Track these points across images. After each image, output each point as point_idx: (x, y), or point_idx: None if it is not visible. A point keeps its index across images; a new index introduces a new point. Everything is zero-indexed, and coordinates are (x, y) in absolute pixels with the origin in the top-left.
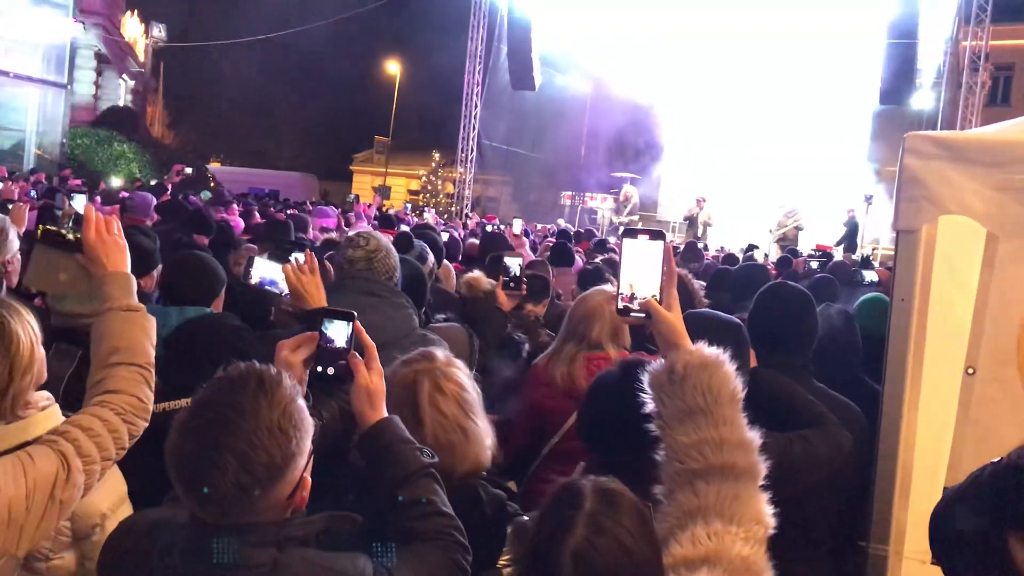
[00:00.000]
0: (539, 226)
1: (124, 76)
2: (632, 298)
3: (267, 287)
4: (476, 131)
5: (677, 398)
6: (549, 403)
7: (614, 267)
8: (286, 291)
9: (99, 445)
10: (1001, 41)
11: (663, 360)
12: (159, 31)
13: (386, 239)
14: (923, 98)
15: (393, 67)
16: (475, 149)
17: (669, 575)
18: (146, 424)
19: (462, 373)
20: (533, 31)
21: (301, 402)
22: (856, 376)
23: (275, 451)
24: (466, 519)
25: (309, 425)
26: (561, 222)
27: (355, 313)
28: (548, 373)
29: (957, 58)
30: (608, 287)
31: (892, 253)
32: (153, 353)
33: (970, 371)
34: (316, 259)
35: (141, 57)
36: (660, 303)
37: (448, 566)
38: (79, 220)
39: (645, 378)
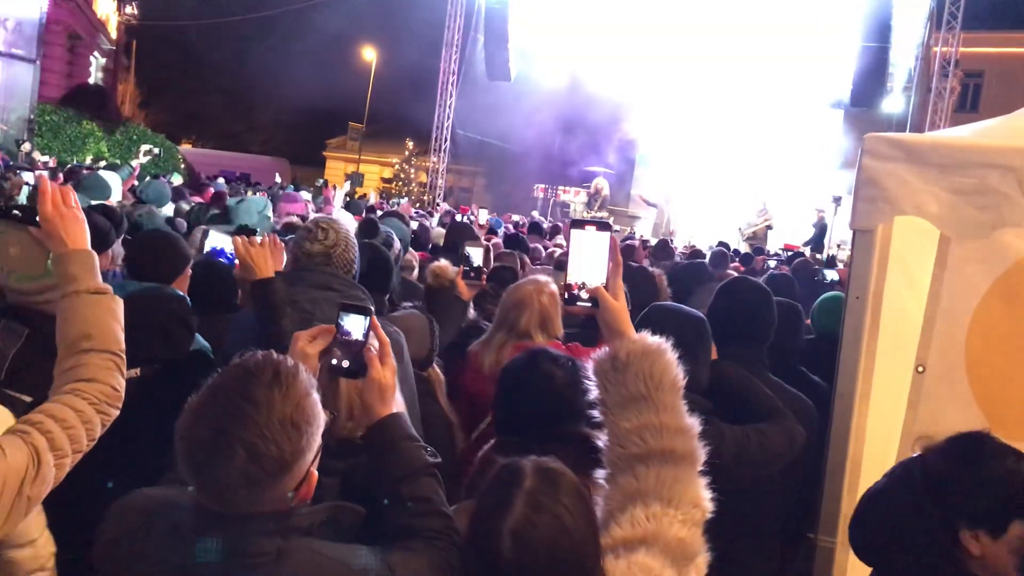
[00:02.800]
0: (514, 217)
1: (95, 54)
2: (580, 287)
3: (219, 257)
4: (451, 120)
5: (620, 385)
6: (478, 388)
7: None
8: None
9: (72, 437)
10: (972, 48)
11: (607, 348)
12: (132, 8)
13: (346, 229)
14: (894, 101)
15: (369, 53)
16: (449, 139)
17: (608, 555)
18: (118, 412)
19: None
20: (510, 22)
21: (315, 396)
22: (797, 370)
23: (285, 445)
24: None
25: (321, 420)
26: (535, 214)
27: (372, 307)
28: (479, 359)
29: (928, 63)
30: (540, 277)
31: None
32: (123, 337)
33: (920, 369)
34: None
35: (113, 35)
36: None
37: (443, 566)
38: (33, 195)
39: (590, 365)
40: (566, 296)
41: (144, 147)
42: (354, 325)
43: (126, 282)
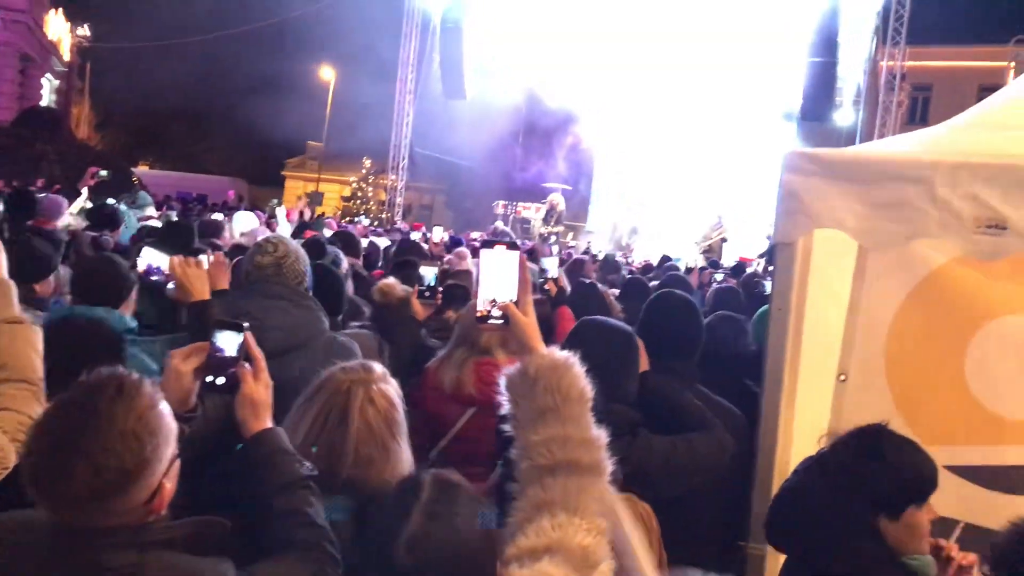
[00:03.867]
0: (474, 235)
1: (48, 75)
2: (491, 305)
3: (153, 275)
4: (408, 139)
5: (529, 399)
6: (438, 406)
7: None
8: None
9: None
10: (920, 62)
11: (518, 364)
12: (84, 30)
13: (296, 244)
14: (844, 115)
15: (327, 73)
16: (407, 157)
17: (513, 565)
18: None
19: (395, 392)
20: (465, 41)
21: (162, 409)
22: (739, 381)
23: (127, 457)
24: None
25: (169, 432)
26: (500, 224)
27: (246, 324)
28: (438, 377)
29: (875, 77)
30: None
31: None
32: (41, 367)
33: (842, 378)
34: (226, 260)
35: (66, 56)
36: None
37: None
38: None
39: (502, 381)
40: (479, 314)
41: (91, 170)
42: (228, 342)
43: (74, 307)
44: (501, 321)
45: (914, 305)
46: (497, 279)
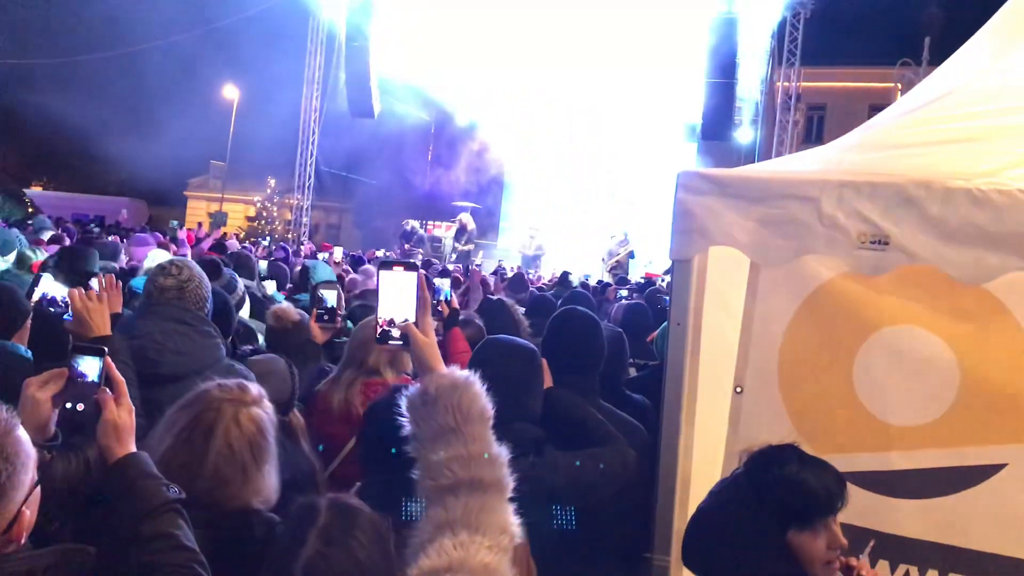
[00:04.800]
0: (378, 253)
1: None
2: (390, 325)
3: (50, 307)
4: (314, 157)
5: (430, 419)
6: (327, 428)
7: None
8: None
9: None
10: (814, 83)
11: (418, 384)
12: None
13: (199, 269)
14: (743, 134)
15: (231, 91)
16: (313, 176)
17: None
18: None
19: (267, 417)
20: (371, 58)
21: (19, 435)
22: (621, 393)
23: None
24: (235, 543)
25: (27, 458)
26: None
27: (106, 348)
28: (327, 399)
29: (772, 97)
30: None
31: None
32: None
33: (738, 389)
34: (119, 287)
35: None
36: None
37: None
38: None
39: (402, 402)
40: (378, 335)
41: None
42: (88, 368)
43: None
44: (400, 342)
45: (804, 318)
46: (396, 299)
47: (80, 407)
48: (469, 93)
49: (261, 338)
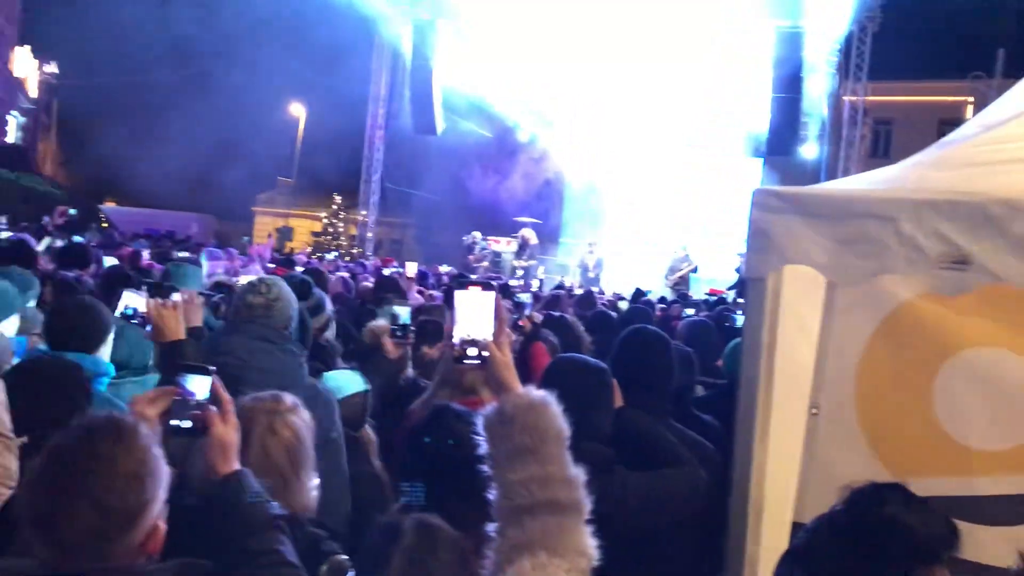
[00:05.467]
0: (442, 268)
1: (14, 112)
2: (467, 346)
3: (133, 319)
4: (379, 174)
5: (506, 438)
6: None
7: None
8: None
9: None
10: (880, 97)
11: (495, 403)
12: (51, 67)
13: (288, 288)
14: (809, 149)
15: (297, 109)
16: (377, 192)
17: None
18: (11, 492)
19: (304, 424)
20: (435, 76)
21: (157, 450)
22: (691, 413)
23: (131, 498)
24: None
25: (164, 473)
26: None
27: (214, 368)
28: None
29: (839, 112)
30: None
31: None
32: (8, 420)
33: (814, 411)
34: (200, 300)
35: (33, 93)
36: None
37: None
38: None
39: (479, 421)
40: (454, 355)
41: (59, 208)
42: (195, 386)
43: (48, 352)
44: (478, 361)
45: (882, 339)
46: (472, 319)
47: (186, 424)
48: (531, 109)
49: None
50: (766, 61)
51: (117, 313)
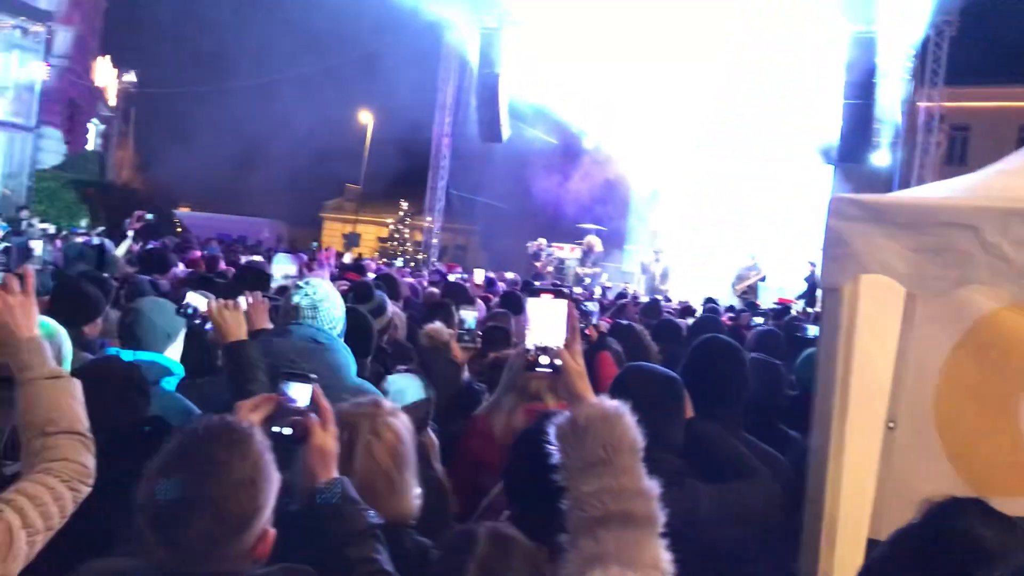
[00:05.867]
0: (508, 275)
1: (94, 120)
2: (539, 354)
3: (194, 319)
4: (444, 181)
5: (579, 449)
6: (486, 454)
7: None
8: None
9: (44, 514)
10: (957, 103)
11: (567, 413)
12: (130, 76)
13: (334, 290)
14: (881, 156)
15: (365, 116)
16: (443, 199)
17: None
18: (89, 490)
19: (403, 426)
20: (501, 84)
21: (269, 456)
22: (776, 427)
23: (246, 502)
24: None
25: (276, 479)
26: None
27: (316, 376)
28: (487, 424)
29: (912, 118)
30: None
31: None
32: (85, 416)
33: (891, 425)
34: (266, 303)
35: (112, 102)
36: None
37: None
38: None
39: (551, 430)
40: (526, 363)
41: (136, 213)
42: (297, 393)
43: (121, 351)
44: (550, 369)
45: (965, 352)
46: (545, 326)
47: (287, 431)
48: (596, 115)
49: None
50: (838, 66)
51: (178, 312)
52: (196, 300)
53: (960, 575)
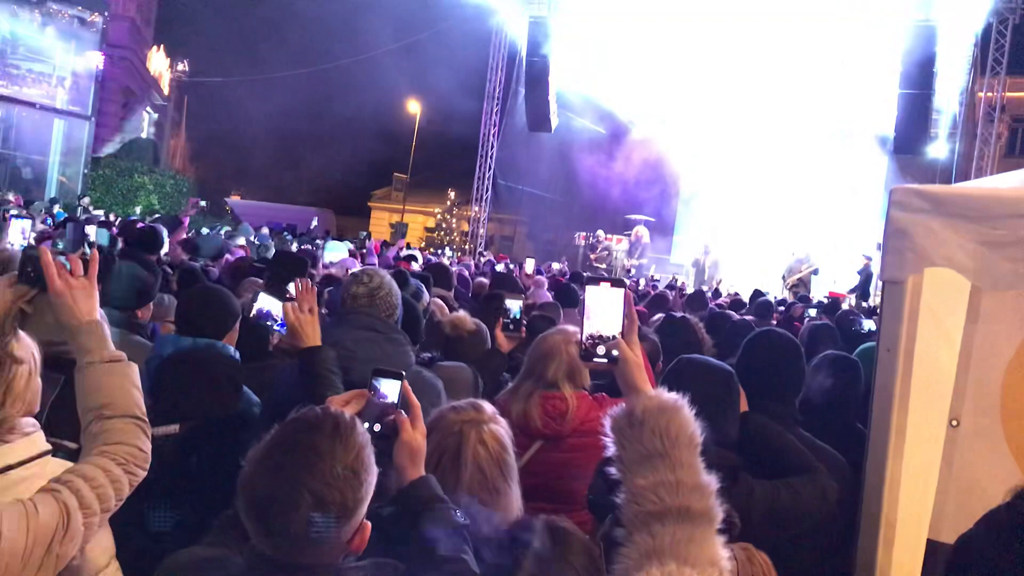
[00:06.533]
0: (555, 266)
1: (148, 109)
2: (596, 343)
3: (266, 320)
4: (492, 171)
5: (636, 442)
6: None
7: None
8: (282, 325)
9: (100, 496)
10: (1018, 93)
11: (623, 404)
12: (183, 65)
13: (390, 277)
14: (938, 148)
15: (413, 106)
16: (490, 188)
17: None
18: (144, 473)
19: (505, 432)
20: (551, 74)
21: (370, 449)
22: (850, 424)
23: (348, 492)
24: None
25: (375, 471)
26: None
27: (404, 372)
28: (505, 410)
29: (972, 109)
30: (569, 327)
31: None
32: (142, 400)
33: (954, 423)
34: (315, 293)
35: (165, 91)
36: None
37: None
38: (34, 262)
39: (607, 422)
40: (582, 351)
41: (191, 200)
42: (388, 389)
43: (179, 337)
44: (605, 359)
45: None
46: (602, 316)
47: (377, 427)
48: (646, 106)
49: None
50: (896, 55)
51: (251, 314)
52: (269, 303)
53: None
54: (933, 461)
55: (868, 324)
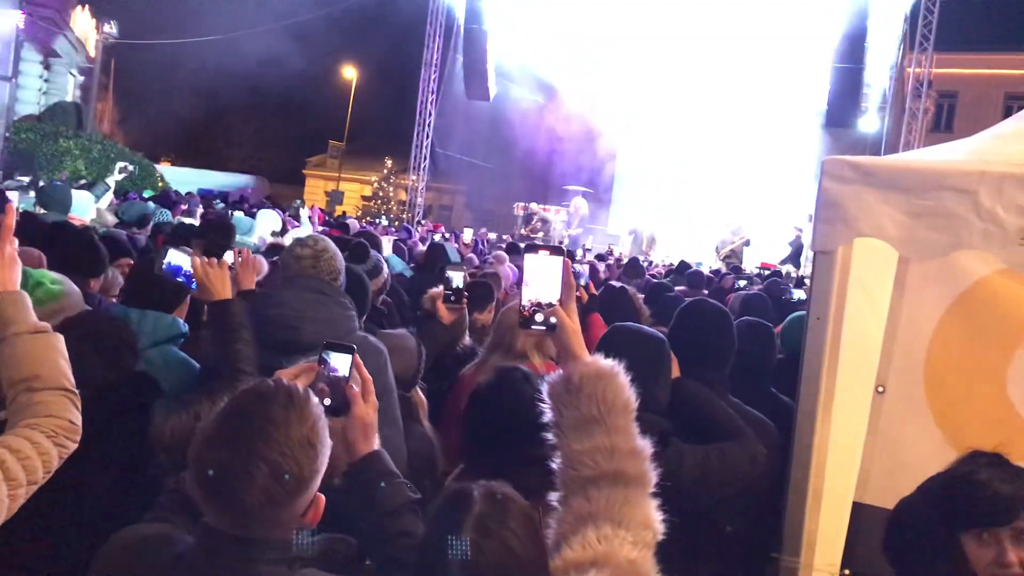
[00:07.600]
0: (491, 235)
1: (73, 71)
2: (534, 310)
3: (175, 276)
4: (430, 139)
5: (573, 407)
6: None
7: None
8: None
9: (27, 468)
10: (945, 69)
11: (560, 371)
12: (110, 27)
13: (334, 244)
14: (869, 121)
15: (349, 72)
16: (428, 157)
17: None
18: (75, 446)
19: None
20: (489, 42)
21: (324, 421)
22: (767, 390)
23: (304, 463)
24: None
25: (329, 444)
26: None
27: (355, 346)
28: (473, 382)
29: (902, 83)
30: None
31: None
32: (70, 371)
33: (880, 389)
34: (255, 260)
35: (91, 53)
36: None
37: None
38: None
39: (544, 388)
40: (521, 319)
41: (119, 164)
42: (338, 363)
43: (129, 309)
44: (543, 327)
45: (956, 317)
46: (540, 283)
47: (327, 401)
48: (584, 76)
49: None
50: (828, 30)
51: (158, 269)
52: (178, 258)
53: (981, 521)
54: (860, 426)
55: (798, 293)
